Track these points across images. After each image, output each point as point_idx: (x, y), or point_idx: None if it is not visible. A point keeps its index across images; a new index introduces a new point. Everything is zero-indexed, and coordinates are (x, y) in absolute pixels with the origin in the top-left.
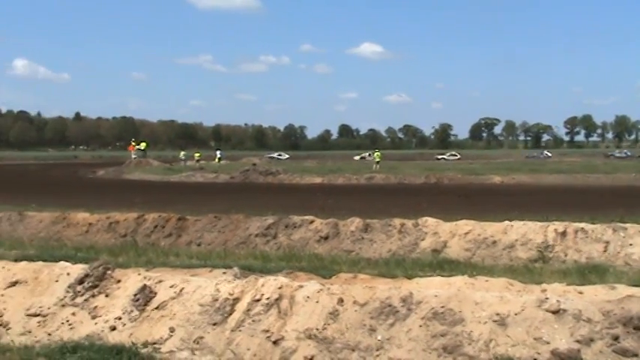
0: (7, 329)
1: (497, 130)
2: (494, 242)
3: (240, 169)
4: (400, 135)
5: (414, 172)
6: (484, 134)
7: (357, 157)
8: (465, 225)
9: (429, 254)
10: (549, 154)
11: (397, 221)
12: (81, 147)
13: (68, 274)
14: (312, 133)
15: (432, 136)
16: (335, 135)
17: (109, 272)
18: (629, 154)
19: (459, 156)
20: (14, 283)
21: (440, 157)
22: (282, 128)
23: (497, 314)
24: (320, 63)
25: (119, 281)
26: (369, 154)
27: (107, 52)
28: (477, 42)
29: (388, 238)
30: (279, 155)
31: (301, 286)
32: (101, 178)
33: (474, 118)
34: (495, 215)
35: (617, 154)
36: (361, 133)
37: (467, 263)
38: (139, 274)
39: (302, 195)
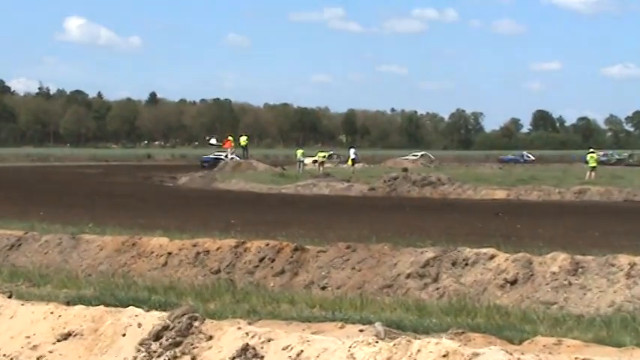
0: None
1: None
2: None
3: (383, 176)
4: (628, 127)
5: None
6: None
7: (230, 156)
8: None
9: None
10: (531, 157)
11: (624, 259)
12: (156, 142)
13: (140, 325)
14: (491, 124)
15: None
16: (526, 126)
17: (196, 324)
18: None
19: None
20: (66, 336)
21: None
22: (446, 116)
23: None
24: (504, 18)
25: (211, 338)
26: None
27: (193, 8)
28: None
29: (610, 284)
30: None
31: (477, 354)
32: (184, 187)
33: None
34: None
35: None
36: (567, 123)
37: None
38: (239, 329)
39: (476, 216)
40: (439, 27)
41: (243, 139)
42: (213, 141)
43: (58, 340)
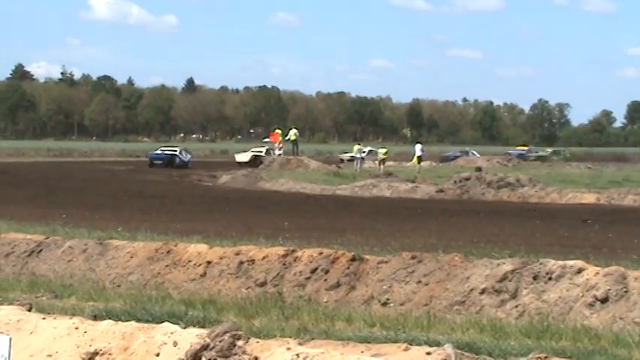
0: None
1: None
2: None
3: (453, 176)
4: None
5: None
6: None
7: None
8: None
9: None
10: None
11: None
12: (193, 135)
13: (175, 344)
14: (578, 117)
15: None
16: (620, 120)
17: (239, 344)
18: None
19: None
20: (92, 355)
21: None
22: (526, 107)
23: None
24: None
25: (256, 359)
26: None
27: None
28: None
29: None
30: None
31: None
32: (225, 187)
33: None
34: None
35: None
36: None
37: None
38: (288, 349)
39: (561, 223)
40: (518, 5)
41: (292, 133)
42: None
43: None
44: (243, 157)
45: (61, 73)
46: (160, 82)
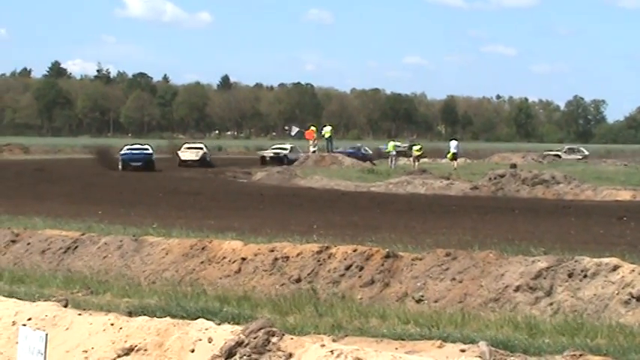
0: None
1: None
2: None
3: (488, 172)
4: None
5: None
6: None
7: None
8: None
9: None
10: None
11: None
12: (228, 132)
13: (210, 340)
14: (615, 114)
15: None
16: None
17: (274, 340)
18: None
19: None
20: (127, 351)
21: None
22: (561, 104)
23: None
24: None
25: (290, 356)
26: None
27: None
28: None
29: None
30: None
31: None
32: (260, 183)
33: None
34: None
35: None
36: None
37: None
38: (322, 346)
39: (596, 220)
40: (552, 1)
41: (327, 130)
42: (293, 131)
43: (119, 356)
44: (188, 155)
45: (97, 71)
46: (195, 80)
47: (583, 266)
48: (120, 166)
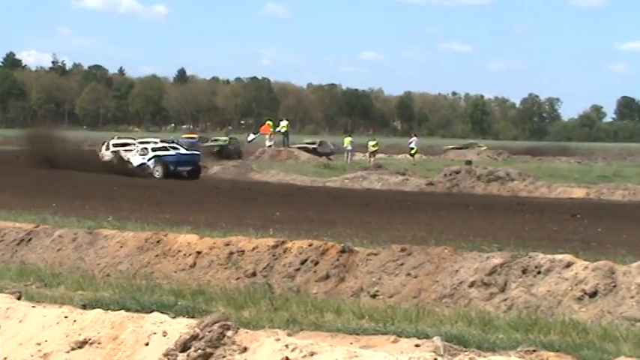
0: None
1: None
2: None
3: (443, 169)
4: None
5: None
6: None
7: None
8: None
9: None
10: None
11: None
12: (184, 126)
13: (165, 333)
14: (568, 112)
15: None
16: (610, 115)
17: (229, 334)
18: None
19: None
20: (81, 344)
21: None
22: (517, 102)
23: None
24: None
25: (245, 350)
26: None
27: None
28: None
29: None
30: None
31: None
32: (216, 177)
33: None
34: None
35: None
36: None
37: None
38: (277, 340)
39: (550, 217)
40: None
41: (283, 125)
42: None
43: (73, 349)
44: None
45: (52, 62)
46: (151, 72)
47: (537, 263)
48: (158, 171)
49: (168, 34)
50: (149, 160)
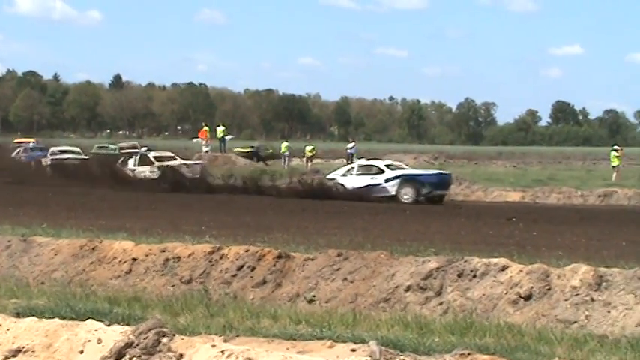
0: None
1: None
2: None
3: None
4: None
5: None
6: None
7: (204, 149)
8: None
9: None
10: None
11: None
12: (120, 132)
13: (99, 341)
14: (504, 116)
15: None
16: (545, 119)
17: (164, 341)
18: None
19: None
20: (15, 353)
21: None
22: (453, 106)
23: None
24: None
25: (181, 356)
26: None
27: None
28: None
29: (638, 300)
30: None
31: None
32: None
33: None
34: None
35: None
36: (591, 116)
37: None
38: (213, 346)
39: (486, 221)
40: (442, 4)
41: (220, 130)
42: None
43: (6, 357)
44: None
45: None
46: (86, 78)
47: (472, 266)
48: (407, 195)
49: (103, 39)
50: (388, 181)
